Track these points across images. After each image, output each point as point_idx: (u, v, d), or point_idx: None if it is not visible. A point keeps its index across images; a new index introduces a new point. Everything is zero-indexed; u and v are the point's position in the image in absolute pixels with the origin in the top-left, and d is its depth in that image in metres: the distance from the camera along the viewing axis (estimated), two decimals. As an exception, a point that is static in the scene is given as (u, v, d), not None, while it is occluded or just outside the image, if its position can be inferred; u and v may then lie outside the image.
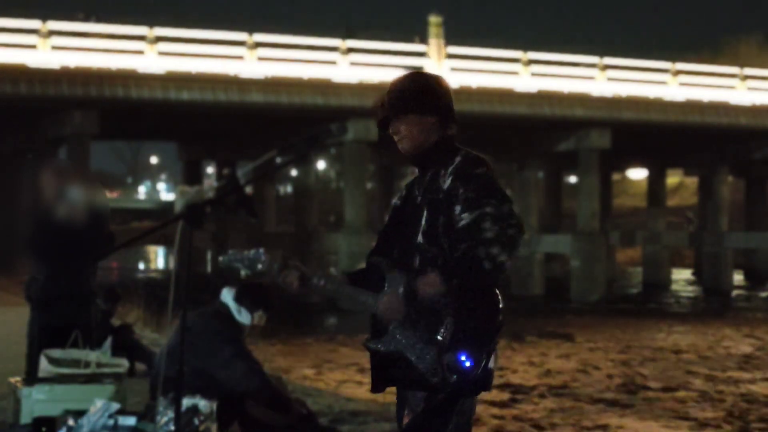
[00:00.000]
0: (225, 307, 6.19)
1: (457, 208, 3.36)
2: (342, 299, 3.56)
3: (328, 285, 3.54)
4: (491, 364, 3.38)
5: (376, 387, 3.57)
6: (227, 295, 6.22)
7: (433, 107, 3.50)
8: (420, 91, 3.50)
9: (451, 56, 34.23)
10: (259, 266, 3.56)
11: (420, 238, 3.46)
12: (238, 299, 6.19)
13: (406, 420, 3.53)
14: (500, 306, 3.41)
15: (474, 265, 3.25)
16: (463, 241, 3.30)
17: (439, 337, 3.33)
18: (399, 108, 3.51)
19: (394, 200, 3.70)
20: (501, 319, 3.40)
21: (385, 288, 3.49)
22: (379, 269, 3.54)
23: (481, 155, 3.49)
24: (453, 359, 3.30)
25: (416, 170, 3.63)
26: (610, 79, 36.12)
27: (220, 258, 3.62)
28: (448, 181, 3.42)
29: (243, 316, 6.15)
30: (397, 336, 3.45)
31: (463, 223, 3.33)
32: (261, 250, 3.59)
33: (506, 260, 3.28)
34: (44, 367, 6.27)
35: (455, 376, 3.31)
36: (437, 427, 3.40)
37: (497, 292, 3.40)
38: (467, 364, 3.30)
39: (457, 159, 3.46)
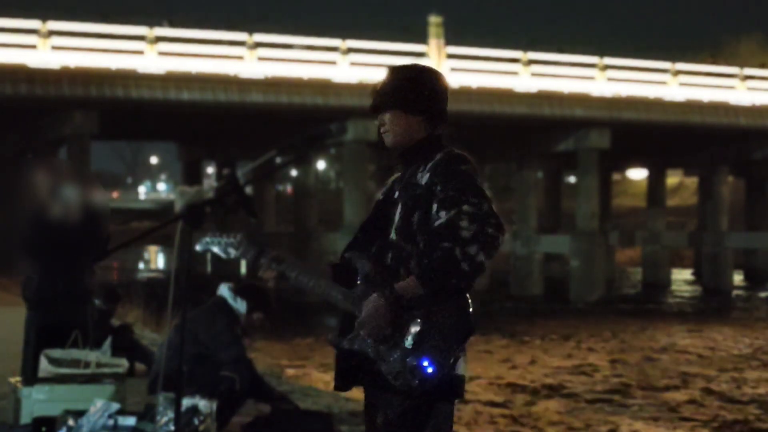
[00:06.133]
0: (221, 299, 6.44)
1: (434, 206, 3.24)
2: (318, 293, 3.42)
3: (303, 279, 3.42)
4: (460, 371, 3.26)
5: (340, 385, 3.44)
6: (223, 289, 6.50)
7: (421, 107, 3.38)
8: (411, 89, 3.38)
9: (451, 56, 34.22)
10: (234, 252, 3.47)
11: (393, 235, 3.36)
12: (236, 291, 6.46)
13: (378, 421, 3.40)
14: (470, 310, 3.27)
15: (451, 267, 3.12)
16: (439, 240, 3.15)
17: (405, 344, 3.21)
18: (386, 102, 3.41)
19: (378, 194, 3.59)
20: (470, 325, 3.26)
21: (358, 283, 3.33)
22: (351, 265, 3.41)
23: (463, 152, 3.33)
24: (415, 363, 3.19)
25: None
26: (610, 79, 36.10)
27: (197, 244, 3.50)
28: (426, 177, 3.30)
29: (239, 304, 6.40)
30: (363, 335, 3.30)
31: (439, 221, 3.19)
32: (239, 236, 3.49)
33: (484, 260, 3.13)
34: (44, 367, 6.26)
35: (417, 381, 3.20)
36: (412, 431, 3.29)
37: (467, 296, 3.27)
38: (429, 369, 3.18)
39: (438, 155, 3.32)
